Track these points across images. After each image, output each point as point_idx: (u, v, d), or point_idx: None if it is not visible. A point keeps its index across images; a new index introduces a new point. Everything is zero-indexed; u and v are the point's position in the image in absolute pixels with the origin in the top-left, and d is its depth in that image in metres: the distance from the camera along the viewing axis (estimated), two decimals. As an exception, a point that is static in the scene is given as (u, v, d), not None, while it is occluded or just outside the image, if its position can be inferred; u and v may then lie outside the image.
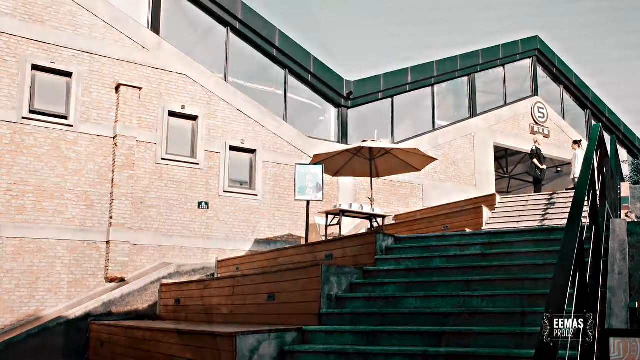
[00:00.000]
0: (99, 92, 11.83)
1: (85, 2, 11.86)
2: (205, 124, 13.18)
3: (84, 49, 11.73)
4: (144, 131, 12.24)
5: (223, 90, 13.57)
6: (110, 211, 11.54)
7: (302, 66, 15.05)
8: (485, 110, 19.47)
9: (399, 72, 17.12)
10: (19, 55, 10.98)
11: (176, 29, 13.49)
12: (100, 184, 11.58)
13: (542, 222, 10.56)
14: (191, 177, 12.81)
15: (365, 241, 6.45)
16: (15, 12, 11.05)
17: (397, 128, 17.37)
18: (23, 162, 10.80)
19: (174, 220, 12.43)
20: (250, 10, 14.27)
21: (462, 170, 18.32)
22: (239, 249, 13.23)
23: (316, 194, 9.48)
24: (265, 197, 13.86)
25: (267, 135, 14.12)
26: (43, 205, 10.88)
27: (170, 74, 12.85)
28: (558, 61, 22.08)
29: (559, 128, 21.78)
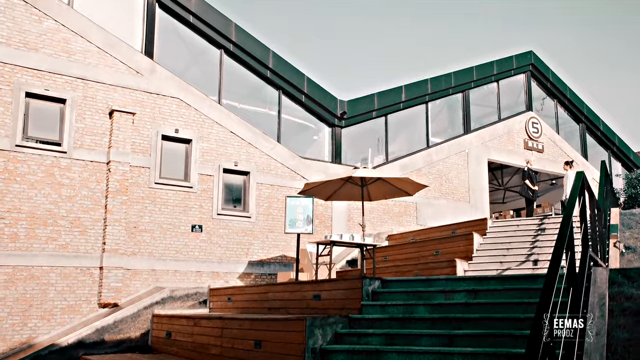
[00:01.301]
0: (93, 118, 11.90)
1: (80, 29, 11.94)
2: (199, 147, 13.26)
3: (77, 75, 11.80)
4: (137, 156, 12.31)
5: (217, 112, 13.65)
6: (104, 237, 11.60)
7: (296, 87, 15.14)
8: (479, 127, 19.57)
9: (392, 90, 17.21)
10: (13, 83, 11.05)
11: (170, 52, 13.57)
12: (93, 210, 11.64)
13: (531, 249, 10.63)
14: (185, 201, 12.88)
15: (351, 285, 6.52)
16: (9, 40, 11.12)
17: (392, 145, 17.45)
18: (16, 189, 10.86)
19: (167, 244, 12.50)
20: (244, 32, 14.36)
21: (456, 187, 18.41)
22: (233, 271, 13.32)
23: (306, 227, 9.55)
24: (259, 219, 13.93)
25: (260, 157, 14.20)
26: (36, 233, 10.94)
27: (164, 97, 12.93)
28: (552, 76, 22.21)
29: (553, 143, 21.90)
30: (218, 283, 12.94)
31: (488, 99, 20.54)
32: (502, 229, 12.13)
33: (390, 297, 6.35)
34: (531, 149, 20.96)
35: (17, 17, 11.24)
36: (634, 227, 10.71)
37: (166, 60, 13.27)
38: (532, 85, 21.77)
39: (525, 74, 21.52)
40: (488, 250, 11.11)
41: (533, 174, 14.89)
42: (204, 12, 13.75)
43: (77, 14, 11.97)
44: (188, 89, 13.28)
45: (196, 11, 13.62)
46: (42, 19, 11.53)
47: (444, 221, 17.79)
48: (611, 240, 10.11)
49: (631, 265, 9.25)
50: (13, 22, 11.19)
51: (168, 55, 13.45)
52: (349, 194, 12.29)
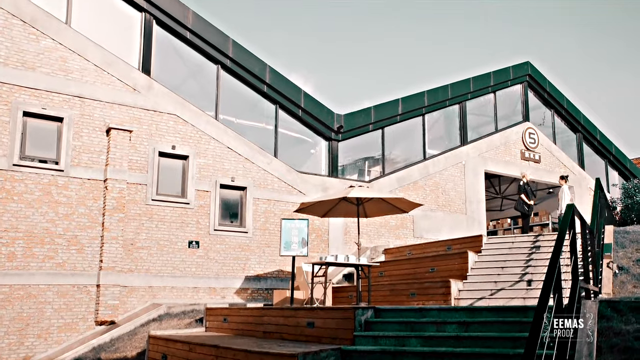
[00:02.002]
0: (90, 136, 11.97)
1: (77, 47, 12.01)
2: (196, 163, 13.32)
3: (75, 94, 11.87)
4: (134, 173, 12.37)
5: (213, 128, 13.72)
6: (101, 254, 11.65)
7: (293, 101, 15.21)
8: (476, 138, 19.65)
9: (389, 103, 17.28)
10: (11, 103, 11.11)
11: (167, 68, 13.63)
12: (90, 227, 11.70)
13: (525, 268, 10.69)
14: (182, 217, 12.94)
15: (345, 315, 6.58)
16: (7, 60, 11.19)
17: (388, 157, 17.51)
18: (14, 208, 10.92)
19: (164, 261, 12.55)
20: (241, 47, 14.43)
21: (453, 199, 18.48)
22: (229, 286, 13.37)
23: (301, 249, 9.62)
24: (256, 234, 13.99)
25: (257, 172, 14.26)
26: (33, 251, 11.00)
27: (161, 114, 13.00)
28: (549, 86, 22.29)
29: (550, 153, 21.97)
30: (215, 299, 13.01)
31: (485, 109, 20.62)
32: (497, 245, 12.19)
33: (383, 327, 6.41)
34: (528, 160, 21.04)
35: (15, 37, 11.31)
36: (627, 246, 10.78)
37: (163, 76, 13.34)
38: (529, 96, 21.86)
39: (522, 85, 21.61)
40: (483, 269, 11.18)
41: (529, 189, 14.97)
42: (201, 28, 13.82)
43: (74, 33, 12.04)
44: (185, 105, 13.35)
45: (193, 27, 13.69)
46: (40, 38, 11.60)
47: (440, 234, 17.90)
48: (604, 260, 10.18)
49: (624, 287, 9.32)
50: (11, 42, 11.26)
51: (165, 71, 13.51)
52: (345, 211, 12.36)
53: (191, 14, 13.69)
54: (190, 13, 13.68)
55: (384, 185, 16.78)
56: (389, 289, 11.43)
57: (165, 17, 13.39)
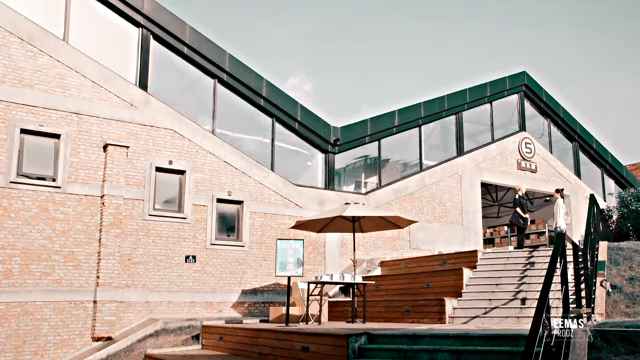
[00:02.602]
0: (87, 152, 12.02)
1: (74, 64, 12.07)
2: (193, 178, 13.38)
3: (72, 110, 11.93)
4: (131, 188, 12.43)
5: (210, 143, 13.78)
6: (98, 270, 11.70)
7: (289, 114, 15.28)
8: (473, 148, 19.72)
9: (386, 115, 17.36)
10: (8, 120, 11.17)
11: (164, 82, 13.68)
12: (87, 244, 11.75)
13: (519, 286, 10.77)
14: (178, 232, 12.99)
15: (338, 342, 6.63)
16: (5, 77, 11.25)
17: (385, 168, 17.58)
18: (10, 226, 10.97)
19: (161, 276, 12.60)
20: (238, 61, 14.50)
21: (449, 210, 18.55)
22: (226, 300, 13.43)
23: (297, 270, 9.69)
24: (252, 247, 14.04)
25: (254, 185, 14.32)
26: (30, 269, 11.04)
27: (158, 129, 13.06)
28: (545, 95, 22.39)
29: (546, 162, 22.06)
30: (211, 313, 13.06)
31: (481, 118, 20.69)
32: (492, 261, 12.27)
33: (376, 354, 6.48)
34: (524, 170, 21.13)
35: (12, 55, 11.37)
36: (620, 264, 10.86)
37: (160, 91, 13.39)
38: (526, 105, 21.96)
39: (518, 94, 21.70)
40: (477, 286, 11.25)
41: (524, 202, 15.03)
42: (198, 43, 13.89)
43: (72, 49, 12.10)
44: (182, 120, 13.41)
45: (190, 42, 13.76)
46: (38, 56, 11.66)
47: (437, 245, 17.97)
48: (598, 278, 10.27)
49: (617, 306, 9.40)
50: (9, 60, 11.32)
51: (162, 85, 13.57)
52: (340, 227, 12.45)
53: (188, 29, 13.76)
54: (188, 28, 13.76)
55: (380, 197, 16.86)
56: (384, 305, 11.50)
57: (163, 33, 13.46)
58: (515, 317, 9.67)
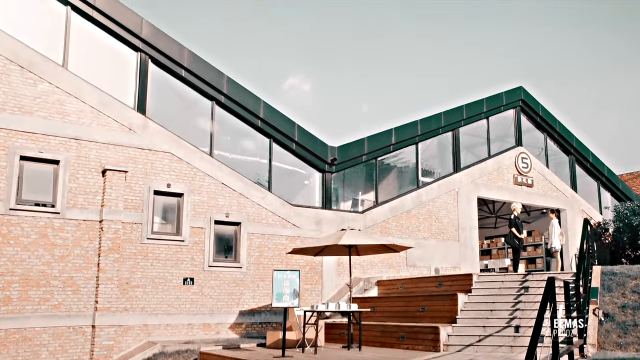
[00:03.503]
0: (86, 177, 12.14)
1: (74, 90, 12.20)
2: (191, 200, 13.50)
3: (71, 136, 12.05)
4: (129, 212, 12.54)
5: (208, 165, 13.91)
6: (96, 295, 11.81)
7: (287, 135, 15.41)
8: (469, 164, 19.85)
9: (382, 133, 17.49)
10: (8, 148, 11.29)
11: (162, 105, 13.80)
12: (86, 268, 11.86)
13: (513, 312, 10.89)
14: (176, 254, 13.10)
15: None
16: (5, 105, 11.37)
17: (381, 186, 17.69)
18: (10, 252, 11.08)
19: (159, 299, 12.71)
20: (235, 84, 14.64)
21: (446, 227, 18.68)
22: (224, 322, 13.54)
23: (293, 301, 9.81)
24: (250, 268, 14.16)
25: (251, 206, 14.44)
26: (29, 295, 11.15)
27: (156, 153, 13.18)
28: (542, 110, 22.53)
29: (542, 176, 22.21)
30: (209, 335, 13.18)
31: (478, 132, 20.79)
32: (487, 285, 12.39)
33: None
34: (521, 184, 21.27)
35: (13, 82, 11.50)
36: (614, 290, 10.98)
37: (158, 114, 13.50)
38: (522, 120, 22.10)
39: (514, 109, 21.85)
40: (472, 311, 11.37)
41: (520, 222, 15.16)
42: (196, 66, 14.02)
43: (71, 75, 12.23)
44: (180, 143, 13.53)
45: (189, 66, 13.89)
46: (37, 82, 11.79)
47: (433, 261, 18.09)
48: (591, 306, 10.39)
49: (609, 336, 9.52)
50: (9, 87, 11.45)
51: (160, 108, 13.68)
52: (337, 251, 12.57)
53: (187, 52, 13.90)
54: (186, 52, 13.89)
55: (377, 215, 16.98)
56: (380, 329, 11.61)
57: (161, 56, 13.59)
58: (509, 346, 9.79)
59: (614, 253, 23.30)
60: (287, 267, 14.69)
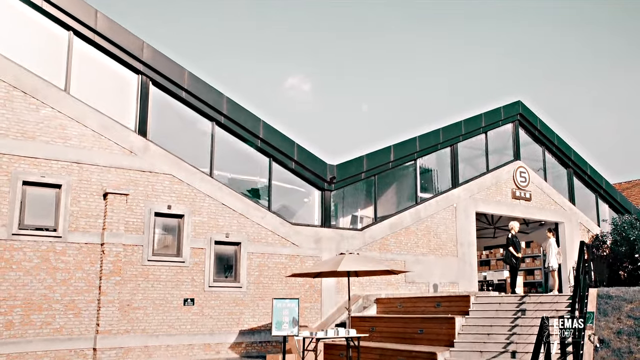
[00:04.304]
0: (87, 200, 12.27)
1: (75, 114, 12.34)
2: (191, 221, 13.63)
3: (73, 160, 12.19)
4: (131, 234, 12.66)
5: (208, 185, 14.04)
6: (98, 318, 11.93)
7: (286, 154, 15.55)
8: (468, 180, 19.97)
9: (381, 151, 17.63)
10: (11, 173, 11.42)
11: (163, 126, 13.91)
12: (87, 291, 11.98)
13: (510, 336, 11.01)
14: (177, 275, 13.22)
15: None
16: (8, 131, 11.51)
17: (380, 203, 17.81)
18: (12, 277, 11.20)
19: (160, 320, 12.83)
20: (235, 104, 14.78)
21: (444, 242, 18.81)
22: (224, 341, 13.66)
23: (292, 329, 9.93)
24: (250, 288, 14.28)
25: (251, 226, 14.57)
26: (31, 319, 11.27)
27: (157, 175, 13.31)
28: (540, 124, 22.67)
29: (541, 190, 22.33)
30: (209, 355, 13.30)
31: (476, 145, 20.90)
32: (485, 306, 12.51)
33: None
34: (519, 199, 21.40)
35: (16, 108, 11.64)
36: (609, 314, 11.09)
37: (159, 135, 13.63)
38: (520, 133, 22.23)
39: (513, 124, 21.99)
40: (470, 335, 11.50)
41: (517, 241, 15.27)
42: (196, 87, 14.16)
43: (73, 100, 12.37)
44: (180, 165, 13.67)
45: (189, 87, 14.04)
46: (40, 108, 11.93)
47: (432, 277, 18.21)
48: (586, 331, 10.50)
49: (603, 364, 9.63)
50: (12, 113, 11.59)
51: (161, 129, 13.80)
52: (336, 273, 12.69)
53: (187, 74, 14.04)
54: (186, 74, 14.03)
55: (377, 233, 17.11)
56: (378, 352, 11.74)
57: (162, 79, 13.73)
58: (505, 373, 9.92)
59: (611, 265, 23.44)
60: (287, 286, 14.84)
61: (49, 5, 12.25)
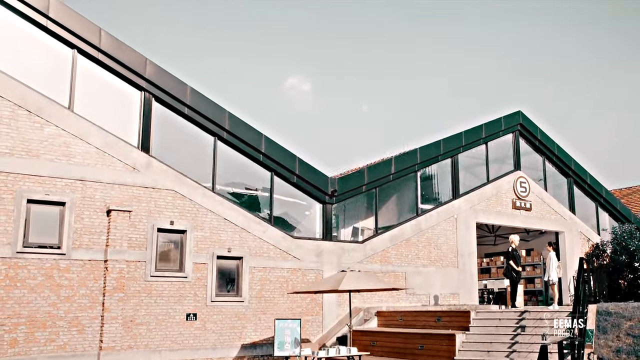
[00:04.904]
0: (91, 217, 12.38)
1: (79, 132, 12.46)
2: (193, 237, 13.74)
3: (77, 177, 12.30)
4: (134, 251, 12.78)
5: (210, 201, 14.15)
6: (101, 334, 12.04)
7: (288, 168, 15.66)
8: (468, 190, 20.07)
9: (382, 163, 17.76)
10: (15, 192, 11.54)
11: (165, 142, 14.01)
12: (91, 308, 12.09)
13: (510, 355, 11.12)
14: (179, 291, 13.33)
15: None
16: (13, 150, 11.63)
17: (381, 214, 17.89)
18: (17, 295, 11.31)
19: (162, 335, 12.93)
20: (237, 119, 14.89)
21: (445, 254, 18.90)
22: (226, 356, 13.76)
23: (294, 349, 10.03)
24: (252, 302, 14.38)
25: (253, 240, 14.68)
26: (35, 336, 11.38)
27: (160, 190, 13.43)
28: (540, 133, 22.76)
29: (541, 200, 22.43)
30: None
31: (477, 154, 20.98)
32: (485, 322, 12.62)
33: None
34: (519, 209, 21.49)
35: (21, 127, 11.76)
36: (608, 332, 11.19)
37: (161, 151, 13.73)
38: (521, 143, 22.32)
39: (513, 134, 22.08)
40: (470, 352, 11.60)
41: (517, 255, 15.38)
42: (198, 103, 14.28)
43: (77, 118, 12.49)
44: (183, 180, 13.78)
45: (191, 103, 14.16)
46: (44, 126, 12.05)
47: (432, 289, 18.31)
48: (586, 350, 10.60)
49: (602, 384, 9.72)
50: (17, 132, 11.71)
51: (163, 145, 13.90)
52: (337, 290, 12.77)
53: (189, 90, 14.16)
54: (189, 90, 14.15)
55: (377, 245, 17.21)
56: (379, 369, 11.84)
57: (164, 95, 13.85)
58: (505, 392, 10.01)
59: (611, 274, 23.53)
60: (289, 300, 14.94)
61: (54, 24, 12.37)
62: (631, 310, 11.90)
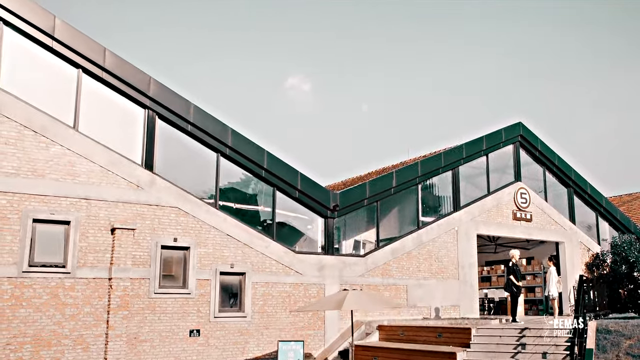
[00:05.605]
0: (95, 236, 12.51)
1: (84, 151, 12.59)
2: (197, 253, 13.86)
3: (81, 196, 12.43)
4: (138, 268, 12.90)
5: (213, 217, 14.28)
6: (105, 352, 12.16)
7: (290, 184, 15.78)
8: (469, 202, 20.18)
9: (384, 177, 17.87)
10: (21, 212, 11.67)
11: (168, 159, 14.11)
12: (96, 325, 12.21)
13: (511, 373, 11.26)
14: (183, 307, 13.45)
15: None
16: (19, 170, 11.76)
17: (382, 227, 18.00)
18: (22, 314, 11.43)
19: (166, 352, 13.05)
20: (240, 136, 15.02)
21: (446, 266, 19.02)
22: (228, 371, 13.87)
23: (297, 371, 10.17)
24: (254, 317, 14.50)
25: (255, 256, 14.80)
26: (40, 355, 11.50)
27: (163, 208, 13.55)
28: (540, 144, 22.88)
29: (541, 210, 22.54)
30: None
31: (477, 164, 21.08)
32: (486, 339, 12.73)
33: None
34: (520, 220, 21.61)
35: (26, 147, 11.89)
36: (608, 351, 11.30)
37: (164, 168, 13.84)
38: (521, 154, 22.44)
39: (513, 145, 22.20)
40: (471, 370, 11.72)
41: (518, 269, 15.50)
42: (202, 120, 14.41)
43: (81, 137, 12.62)
44: (186, 197, 13.91)
45: (194, 121, 14.29)
46: (50, 146, 12.18)
47: (433, 301, 18.42)
48: (585, 370, 10.71)
49: (602, 405, 9.82)
50: (23, 153, 11.84)
51: (166, 162, 14.01)
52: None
53: (193, 108, 14.29)
54: (192, 107, 14.28)
55: (379, 258, 17.33)
56: (381, 387, 11.96)
57: (168, 113, 13.98)
58: (506, 413, 10.12)
59: (611, 284, 23.65)
60: (291, 314, 15.06)
61: (60, 45, 12.51)
62: (630, 328, 12.00)
